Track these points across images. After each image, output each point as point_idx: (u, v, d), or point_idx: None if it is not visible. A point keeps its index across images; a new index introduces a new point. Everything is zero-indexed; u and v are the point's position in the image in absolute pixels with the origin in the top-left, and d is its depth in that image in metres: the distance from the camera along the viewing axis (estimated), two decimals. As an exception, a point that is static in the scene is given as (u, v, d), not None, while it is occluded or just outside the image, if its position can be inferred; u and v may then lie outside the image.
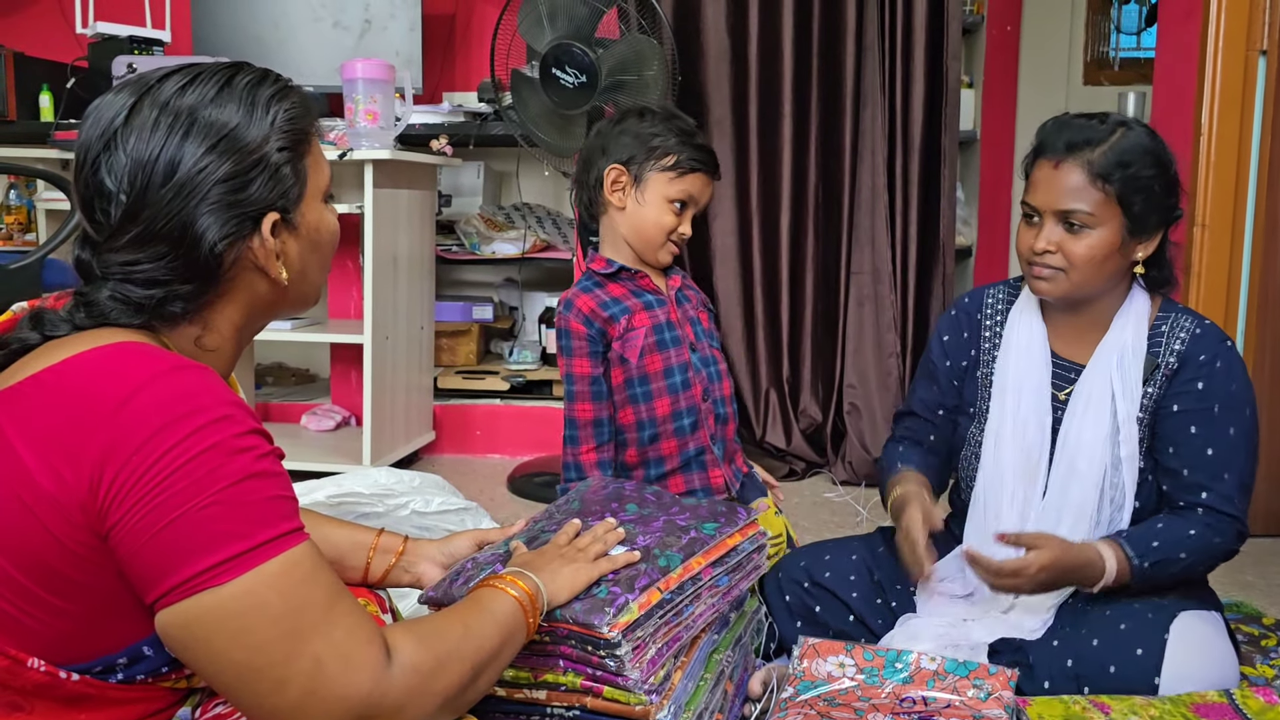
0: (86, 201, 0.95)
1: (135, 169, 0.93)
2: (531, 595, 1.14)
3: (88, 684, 0.92)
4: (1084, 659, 1.51)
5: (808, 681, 1.53)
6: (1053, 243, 1.55)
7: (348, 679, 0.87)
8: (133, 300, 0.95)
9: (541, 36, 2.71)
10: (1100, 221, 1.53)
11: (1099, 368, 1.62)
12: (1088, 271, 1.55)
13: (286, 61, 3.30)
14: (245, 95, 0.97)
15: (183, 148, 0.93)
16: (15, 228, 3.56)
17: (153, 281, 0.95)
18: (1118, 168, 1.51)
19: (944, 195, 3.15)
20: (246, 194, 0.96)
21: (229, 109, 0.95)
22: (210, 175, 0.94)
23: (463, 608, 1.08)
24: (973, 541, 1.67)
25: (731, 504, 1.49)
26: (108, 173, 0.93)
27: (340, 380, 3.52)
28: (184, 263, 0.95)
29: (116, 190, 0.93)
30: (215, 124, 0.95)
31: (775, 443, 3.23)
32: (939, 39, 3.10)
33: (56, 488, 0.85)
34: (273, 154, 0.97)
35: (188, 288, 0.96)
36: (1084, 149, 1.53)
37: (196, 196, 0.94)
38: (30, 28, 3.74)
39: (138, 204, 0.93)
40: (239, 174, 0.95)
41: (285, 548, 0.88)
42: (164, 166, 0.93)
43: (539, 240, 3.54)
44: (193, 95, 0.95)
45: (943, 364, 1.77)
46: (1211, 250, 2.52)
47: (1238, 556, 1.61)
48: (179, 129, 0.93)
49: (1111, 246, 1.54)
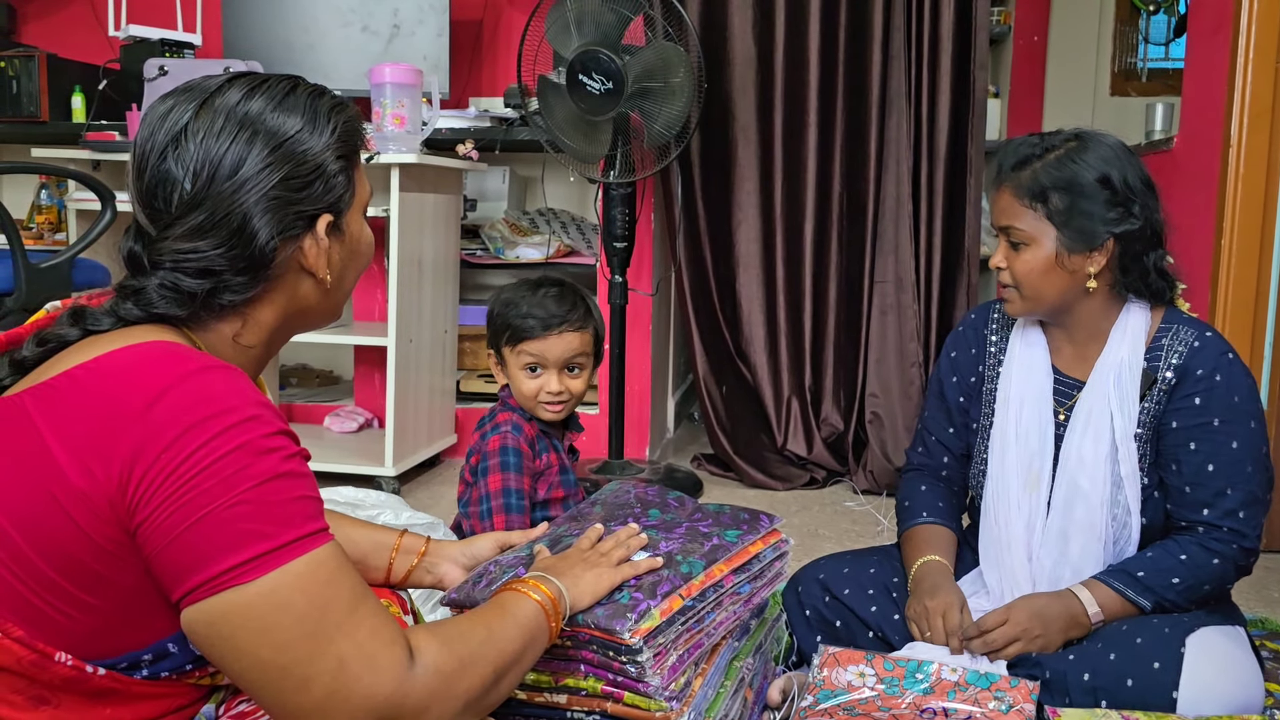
0: (148, 190, 0.98)
1: (203, 161, 0.96)
2: (554, 599, 1.15)
3: (113, 679, 0.93)
4: (1101, 672, 1.51)
5: (827, 690, 1.52)
6: (1001, 261, 1.62)
7: (371, 679, 0.88)
8: (183, 290, 0.97)
9: (568, 43, 2.72)
10: (1033, 238, 1.58)
11: (1097, 385, 1.62)
12: (1034, 287, 1.60)
13: (315, 65, 3.33)
14: (308, 104, 1.02)
15: (250, 147, 0.98)
16: (46, 227, 3.60)
17: (207, 271, 0.98)
18: (1048, 187, 1.56)
19: (969, 205, 3.14)
20: (305, 195, 1.00)
21: (294, 116, 1.00)
22: (273, 174, 0.98)
23: (486, 611, 1.08)
24: (987, 554, 1.69)
25: (754, 512, 1.49)
26: (175, 162, 0.97)
27: (364, 382, 3.54)
28: (239, 254, 0.98)
29: (182, 179, 0.97)
30: (280, 128, 0.99)
31: (796, 450, 3.22)
32: (966, 48, 3.10)
33: (87, 483, 0.86)
34: (330, 161, 1.02)
35: (240, 280, 0.99)
36: (1017, 170, 1.59)
37: (258, 192, 0.98)
38: (63, 30, 3.78)
39: (201, 193, 0.97)
40: (300, 175, 1.00)
41: (310, 548, 0.88)
42: (231, 162, 0.97)
43: (563, 245, 3.55)
44: (258, 101, 0.99)
45: (949, 380, 1.80)
46: (1239, 264, 2.50)
47: (1262, 573, 1.61)
48: (245, 130, 0.98)
49: (1048, 262, 1.57)
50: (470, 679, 0.97)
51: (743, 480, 3.18)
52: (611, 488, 1.59)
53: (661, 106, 2.74)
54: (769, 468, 3.16)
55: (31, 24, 3.82)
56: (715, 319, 3.32)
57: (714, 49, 3.13)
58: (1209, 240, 2.56)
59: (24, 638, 0.89)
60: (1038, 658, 1.56)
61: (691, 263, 3.30)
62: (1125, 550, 1.62)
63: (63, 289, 2.56)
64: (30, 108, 3.28)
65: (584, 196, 3.75)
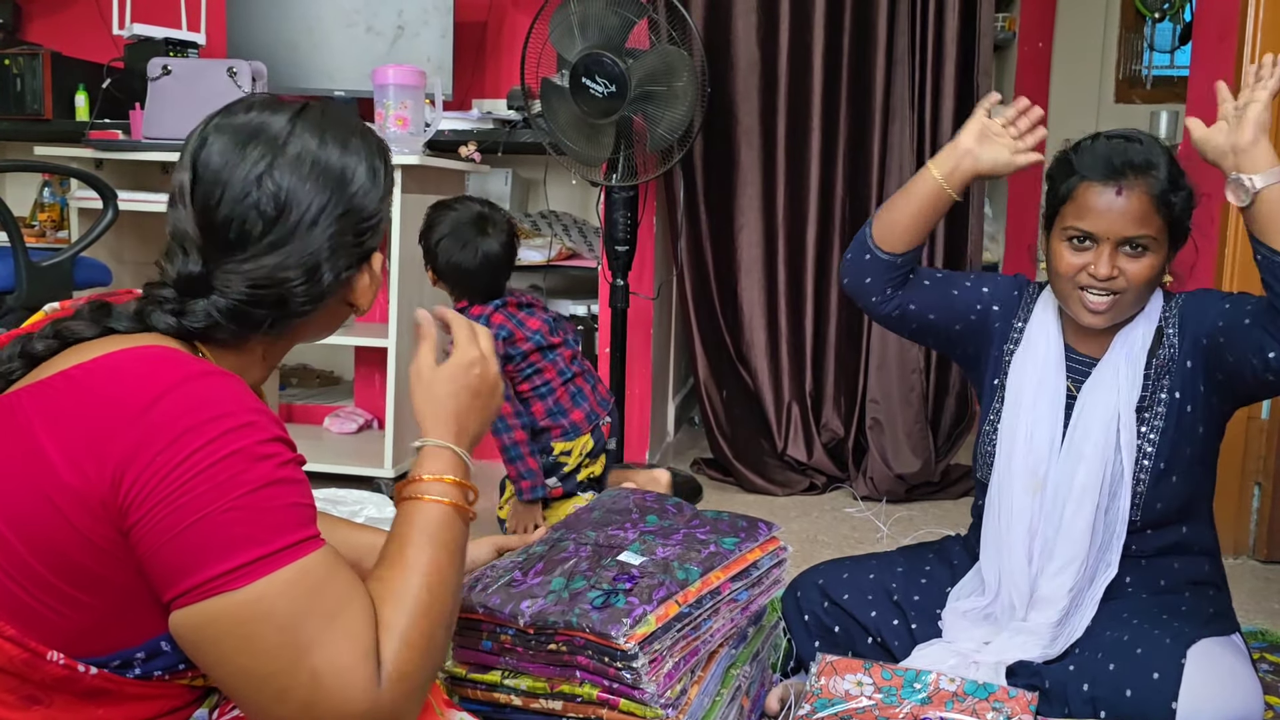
0: (221, 224, 1.00)
1: (285, 205, 1.01)
2: (457, 481, 1.07)
3: (106, 678, 0.94)
4: (1100, 683, 1.50)
5: (825, 699, 1.52)
6: (1117, 267, 1.55)
7: (343, 697, 0.88)
8: (252, 319, 1.02)
9: (572, 46, 2.72)
10: (1158, 242, 1.56)
11: (1109, 362, 1.63)
12: (1143, 292, 1.59)
13: (319, 66, 3.33)
14: (367, 150, 1.08)
15: (327, 195, 1.03)
16: (49, 225, 3.61)
17: (279, 303, 1.03)
18: (1172, 191, 1.56)
19: (972, 211, 3.14)
20: (365, 238, 1.08)
21: (361, 165, 1.06)
22: (344, 221, 1.04)
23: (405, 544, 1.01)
24: (987, 550, 1.68)
25: (752, 519, 1.48)
26: (256, 203, 1.00)
27: (364, 383, 3.54)
28: (308, 290, 1.03)
29: (261, 218, 1.00)
30: (352, 177, 1.05)
31: (796, 456, 3.22)
32: (970, 54, 3.09)
33: (80, 482, 0.87)
34: (386, 208, 1.10)
35: (301, 312, 1.05)
36: (1146, 173, 1.55)
37: (332, 236, 1.04)
38: (68, 28, 3.78)
39: (281, 236, 1.01)
40: (364, 220, 1.06)
41: (299, 555, 0.89)
42: (312, 208, 1.02)
43: (565, 248, 3.54)
44: (332, 149, 1.05)
45: (983, 293, 1.76)
46: (1242, 274, 2.50)
47: (1263, 584, 1.61)
48: (323, 178, 1.03)
49: (1162, 266, 1.59)
50: (430, 654, 0.96)
51: (742, 485, 3.17)
52: (610, 493, 1.59)
53: (664, 110, 2.74)
54: (769, 473, 3.15)
55: (36, 22, 3.82)
56: (716, 323, 3.31)
57: (718, 53, 3.12)
58: (1212, 250, 2.55)
59: (16, 636, 0.89)
60: (1036, 667, 1.55)
61: (693, 267, 3.30)
62: (1116, 520, 1.60)
63: (64, 287, 2.56)
64: (34, 105, 3.28)
65: (586, 199, 3.75)
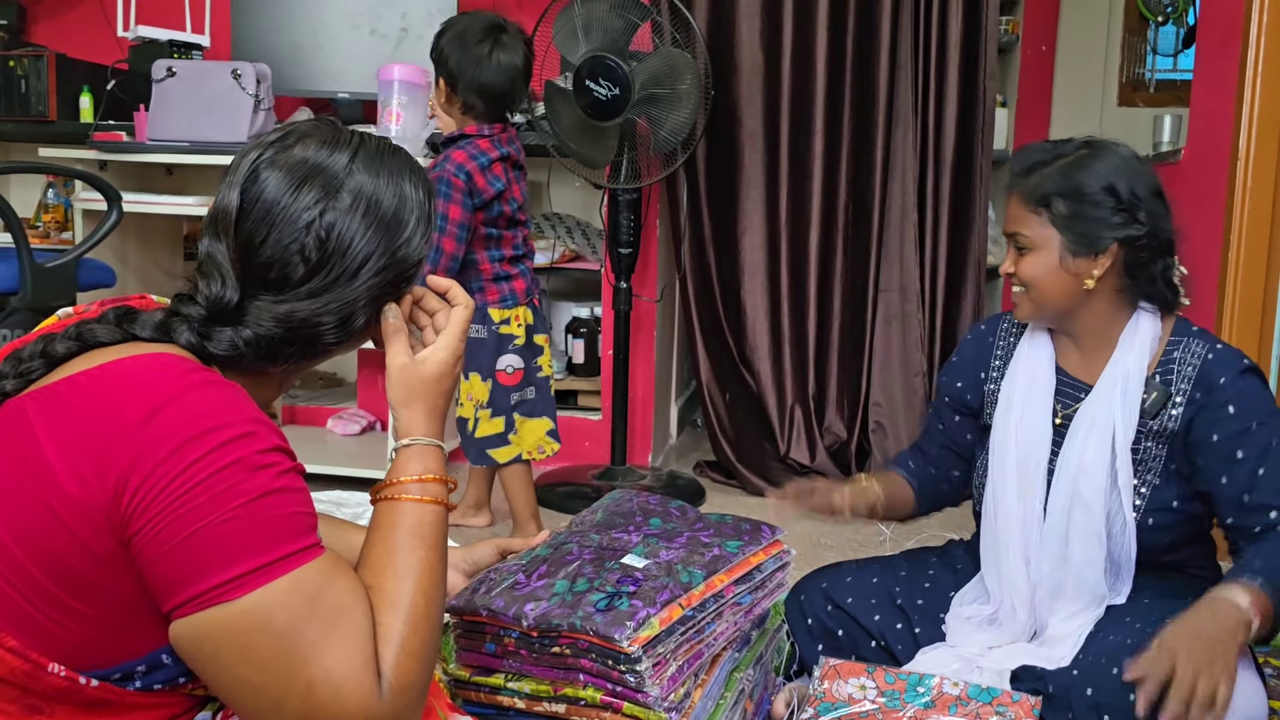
0: (264, 263, 1.00)
1: (334, 253, 1.01)
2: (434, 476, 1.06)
3: (106, 690, 0.93)
4: (1104, 688, 1.49)
5: (828, 703, 1.52)
6: (1010, 266, 1.66)
7: (338, 709, 0.88)
8: (284, 354, 1.03)
9: (576, 48, 2.72)
10: (1038, 244, 1.61)
11: (1104, 392, 1.62)
12: (1040, 290, 1.62)
13: (323, 68, 3.33)
14: (424, 202, 1.08)
15: (375, 246, 1.03)
16: (53, 226, 3.61)
17: (313, 341, 1.03)
18: (1052, 193, 1.59)
19: (976, 214, 3.14)
20: (402, 286, 1.09)
21: (411, 213, 1.06)
22: (388, 273, 1.05)
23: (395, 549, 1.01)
24: (987, 557, 1.69)
25: (756, 522, 1.48)
26: (304, 246, 1.00)
27: (367, 385, 3.53)
28: (342, 331, 1.04)
29: (306, 263, 1.01)
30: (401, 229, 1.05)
31: (799, 459, 3.21)
32: (974, 58, 3.09)
33: (81, 492, 0.87)
34: (428, 252, 1.10)
35: (334, 348, 1.06)
36: (1025, 176, 1.62)
37: (374, 286, 1.04)
38: (72, 30, 3.78)
39: (327, 282, 1.02)
40: (404, 271, 1.07)
41: (298, 564, 0.89)
42: (360, 259, 1.02)
43: (568, 250, 3.54)
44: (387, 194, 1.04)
45: (951, 386, 1.83)
46: (1246, 277, 2.50)
47: (1267, 590, 1.59)
48: (375, 229, 1.03)
49: (1050, 265, 1.60)
50: (427, 661, 0.96)
51: (745, 488, 3.17)
52: (613, 496, 1.59)
53: (668, 113, 2.74)
54: (771, 475, 3.15)
55: (41, 24, 3.82)
56: (719, 325, 3.31)
57: (721, 56, 3.12)
58: (1216, 253, 2.55)
59: (18, 648, 0.89)
60: (1040, 671, 1.55)
61: (696, 269, 3.30)
62: (1123, 559, 1.61)
63: (68, 289, 2.56)
64: (39, 107, 3.28)
65: (590, 202, 3.75)
